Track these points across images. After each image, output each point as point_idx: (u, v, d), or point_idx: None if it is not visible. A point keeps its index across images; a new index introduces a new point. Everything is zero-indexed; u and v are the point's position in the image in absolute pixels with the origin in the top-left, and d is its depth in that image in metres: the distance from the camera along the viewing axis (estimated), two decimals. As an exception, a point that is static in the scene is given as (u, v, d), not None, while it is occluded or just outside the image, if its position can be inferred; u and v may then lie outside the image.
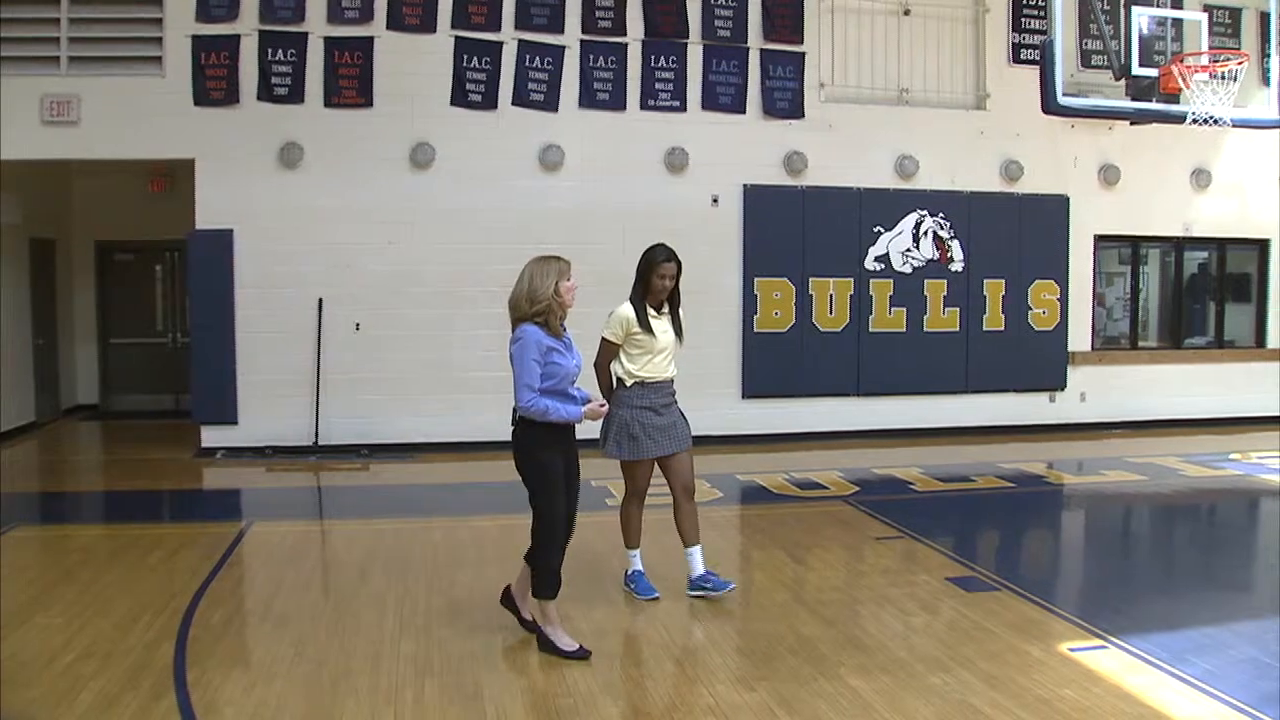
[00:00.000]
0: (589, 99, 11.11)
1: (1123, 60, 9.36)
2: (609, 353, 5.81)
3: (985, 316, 12.20)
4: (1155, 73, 9.23)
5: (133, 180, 12.92)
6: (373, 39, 10.62)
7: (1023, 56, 12.06)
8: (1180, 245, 13.25)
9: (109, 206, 13.30)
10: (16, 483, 9.49)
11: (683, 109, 11.30)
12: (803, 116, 11.59)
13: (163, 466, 10.36)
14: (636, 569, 6.02)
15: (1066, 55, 10.38)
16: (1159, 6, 9.61)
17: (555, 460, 5.04)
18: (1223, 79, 9.09)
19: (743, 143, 11.44)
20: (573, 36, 11.05)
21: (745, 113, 11.46)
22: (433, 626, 5.46)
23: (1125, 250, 13.17)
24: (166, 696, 4.49)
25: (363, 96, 10.64)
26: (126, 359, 13.93)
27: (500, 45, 10.89)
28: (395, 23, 10.66)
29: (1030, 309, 12.32)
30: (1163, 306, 13.56)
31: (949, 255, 12.06)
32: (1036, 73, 9.22)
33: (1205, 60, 9.25)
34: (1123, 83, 9.50)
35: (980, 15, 12.14)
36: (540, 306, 4.92)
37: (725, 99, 11.40)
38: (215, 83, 10.38)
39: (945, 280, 12.06)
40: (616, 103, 11.16)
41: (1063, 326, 12.47)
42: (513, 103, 10.96)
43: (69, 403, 13.67)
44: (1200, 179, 12.88)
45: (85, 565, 6.61)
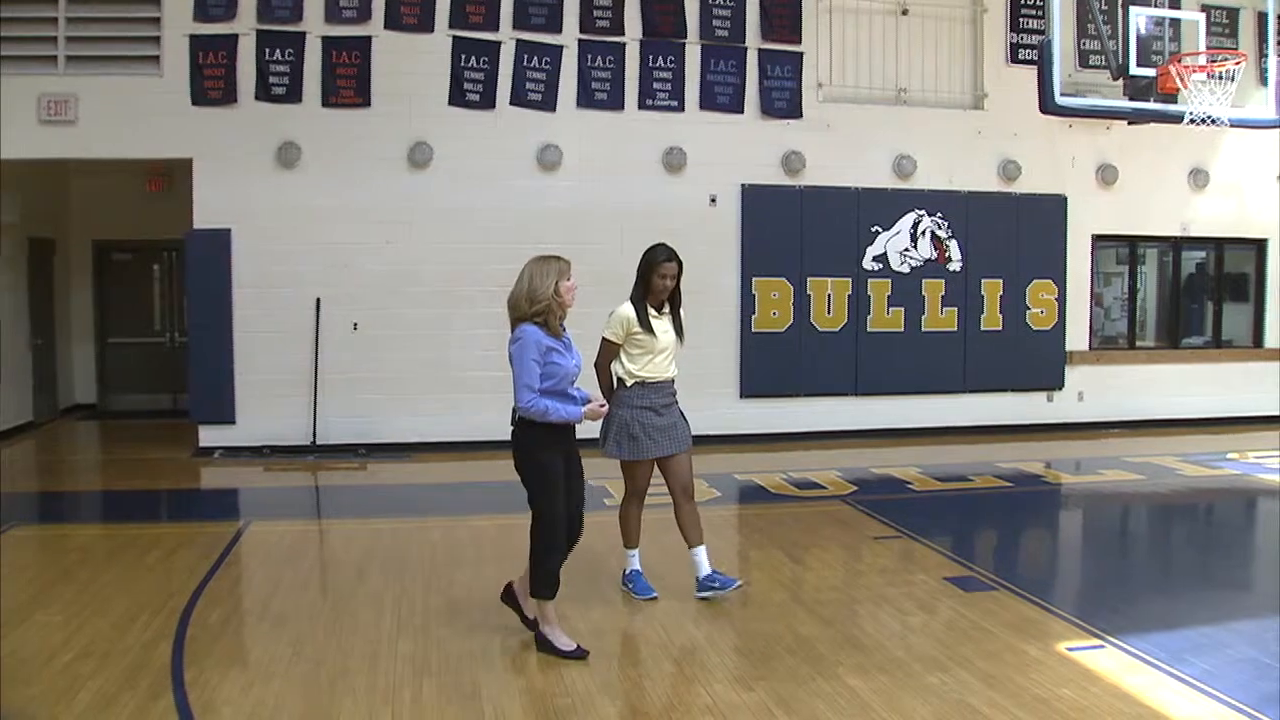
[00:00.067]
0: (587, 99, 11.11)
1: (1120, 60, 9.36)
2: (609, 353, 5.80)
3: (983, 316, 12.21)
4: (1153, 72, 9.24)
5: (130, 180, 12.91)
6: (370, 39, 10.62)
7: (1020, 56, 12.07)
8: (1178, 245, 13.27)
9: (107, 206, 13.30)
10: (15, 482, 9.48)
11: (681, 109, 11.30)
12: (801, 116, 11.60)
13: (160, 466, 10.36)
14: (634, 569, 6.02)
15: (1064, 55, 10.38)
16: (1157, 6, 9.62)
17: (555, 461, 5.02)
18: (1220, 79, 9.10)
19: (741, 142, 11.45)
20: (571, 36, 11.05)
21: (743, 112, 11.46)
22: (431, 626, 5.46)
23: (1123, 250, 13.19)
24: (164, 696, 4.49)
25: (360, 96, 10.64)
26: (124, 358, 13.93)
27: (498, 45, 10.89)
28: (393, 22, 10.65)
29: (1028, 309, 12.33)
30: (1160, 306, 13.58)
31: (947, 255, 12.06)
32: (1034, 73, 9.24)
33: (1203, 60, 9.26)
34: (1120, 83, 9.51)
35: (978, 15, 12.15)
36: (540, 307, 4.91)
37: (723, 99, 11.40)
38: (213, 82, 10.37)
39: (943, 280, 12.07)
40: (614, 102, 11.16)
41: (1060, 326, 12.48)
42: (510, 102, 10.95)
43: (67, 402, 13.66)
44: (1198, 179, 12.89)
45: (83, 564, 6.60)
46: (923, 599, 5.95)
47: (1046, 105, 9.10)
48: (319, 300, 10.66)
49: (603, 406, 5.25)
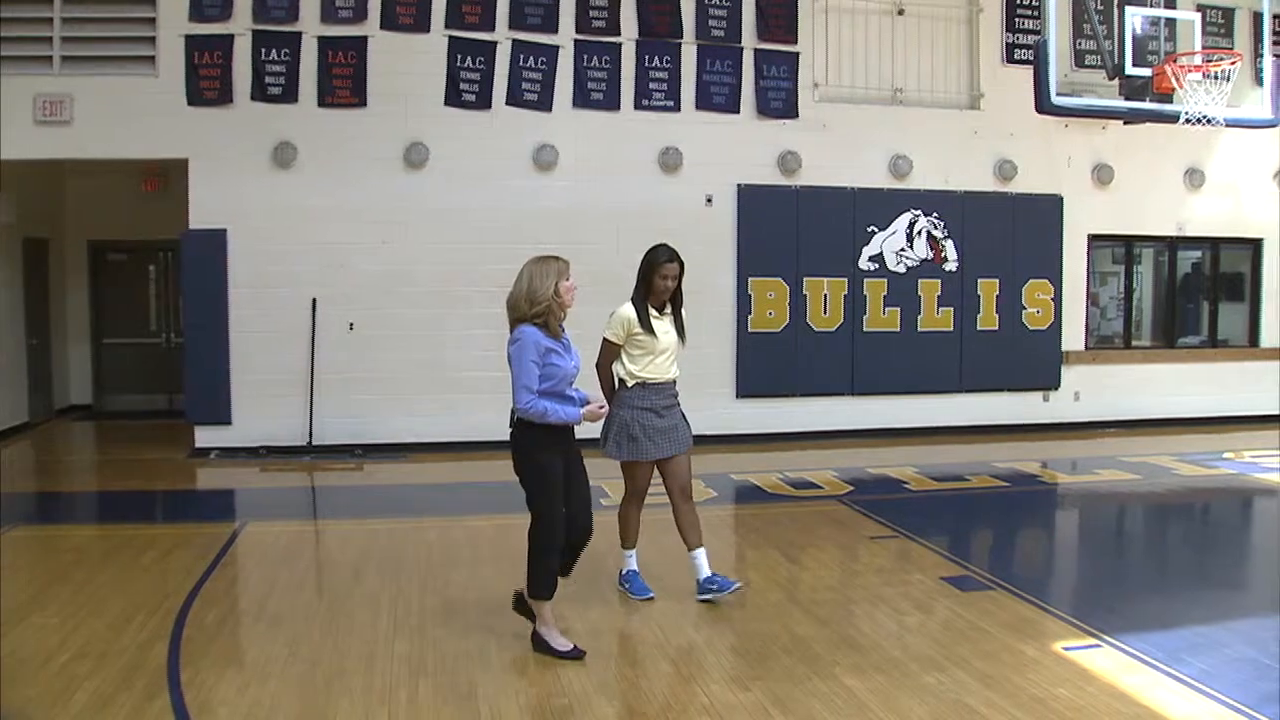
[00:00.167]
0: (583, 99, 11.11)
1: (1116, 60, 9.37)
2: (610, 353, 5.78)
3: (979, 316, 12.22)
4: (1149, 72, 9.24)
5: (126, 180, 12.89)
6: (366, 39, 10.60)
7: (1016, 56, 12.08)
8: (1174, 245, 13.29)
9: (102, 206, 13.28)
10: (10, 483, 9.46)
11: (677, 109, 11.30)
12: (797, 116, 11.60)
13: (156, 467, 10.34)
14: (631, 569, 6.01)
15: (1060, 55, 10.39)
16: (1152, 6, 9.62)
17: (554, 462, 5.01)
18: (1216, 79, 9.11)
19: (737, 142, 11.45)
20: (566, 36, 11.05)
21: (739, 112, 11.46)
22: (427, 626, 5.45)
23: (1119, 250, 13.20)
24: (160, 696, 4.48)
25: (356, 96, 10.62)
26: (120, 359, 13.90)
27: (494, 45, 10.88)
28: (389, 22, 10.64)
29: (1024, 308, 12.35)
30: (1156, 306, 13.60)
31: (943, 255, 12.07)
32: (1030, 72, 9.22)
33: (1198, 60, 9.27)
34: (1116, 82, 9.51)
35: (974, 15, 12.16)
36: (540, 308, 4.89)
37: (719, 99, 11.40)
38: (208, 82, 10.35)
39: (939, 280, 12.07)
40: (610, 102, 11.16)
41: (1056, 326, 12.50)
42: (506, 102, 10.95)
43: (62, 403, 13.64)
44: (1194, 178, 12.91)
45: (79, 565, 6.59)
46: (919, 599, 5.95)
47: (1042, 105, 9.09)
48: (315, 300, 10.65)
49: (601, 408, 5.23)
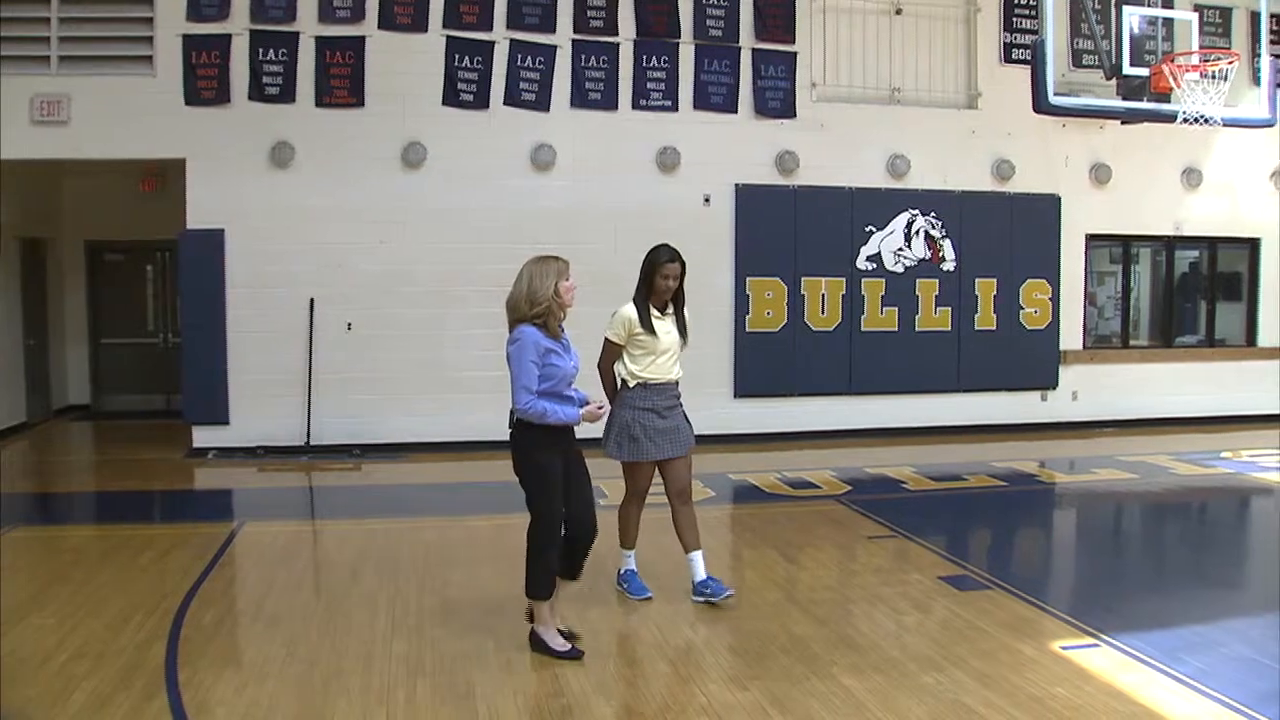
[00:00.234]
0: (581, 99, 11.11)
1: (1114, 60, 9.38)
2: (612, 353, 5.78)
3: (977, 316, 12.23)
4: (1146, 72, 9.25)
5: (123, 180, 12.85)
6: (364, 38, 10.60)
7: (1014, 56, 12.08)
8: (1171, 244, 13.30)
9: (99, 206, 13.25)
10: (9, 484, 9.44)
11: (674, 109, 11.30)
12: (794, 116, 11.60)
13: (154, 467, 10.33)
14: (630, 568, 6.01)
15: (1058, 55, 10.36)
16: (1150, 6, 9.63)
17: (554, 462, 4.99)
18: (1213, 78, 9.12)
19: (734, 142, 11.45)
20: (564, 36, 11.04)
21: (737, 112, 11.46)
22: (425, 626, 5.45)
23: (1116, 249, 13.21)
24: (158, 696, 4.48)
25: (354, 96, 10.62)
26: (117, 359, 13.89)
27: (492, 45, 10.88)
28: (387, 22, 10.64)
29: (1022, 308, 12.35)
30: (1154, 305, 13.61)
31: (941, 254, 12.08)
32: (1028, 72, 9.22)
33: (1196, 60, 9.27)
34: (1114, 82, 9.51)
35: (972, 15, 12.16)
36: (540, 309, 4.87)
37: (717, 99, 11.40)
38: (206, 82, 10.34)
39: (937, 279, 12.08)
40: (608, 102, 11.16)
41: (1054, 325, 12.51)
42: (504, 102, 10.95)
43: (60, 403, 13.63)
44: (1191, 178, 12.92)
45: (77, 566, 6.59)
46: (917, 598, 5.95)
47: (1040, 105, 9.10)
48: (313, 300, 10.64)
49: (601, 408, 5.23)
